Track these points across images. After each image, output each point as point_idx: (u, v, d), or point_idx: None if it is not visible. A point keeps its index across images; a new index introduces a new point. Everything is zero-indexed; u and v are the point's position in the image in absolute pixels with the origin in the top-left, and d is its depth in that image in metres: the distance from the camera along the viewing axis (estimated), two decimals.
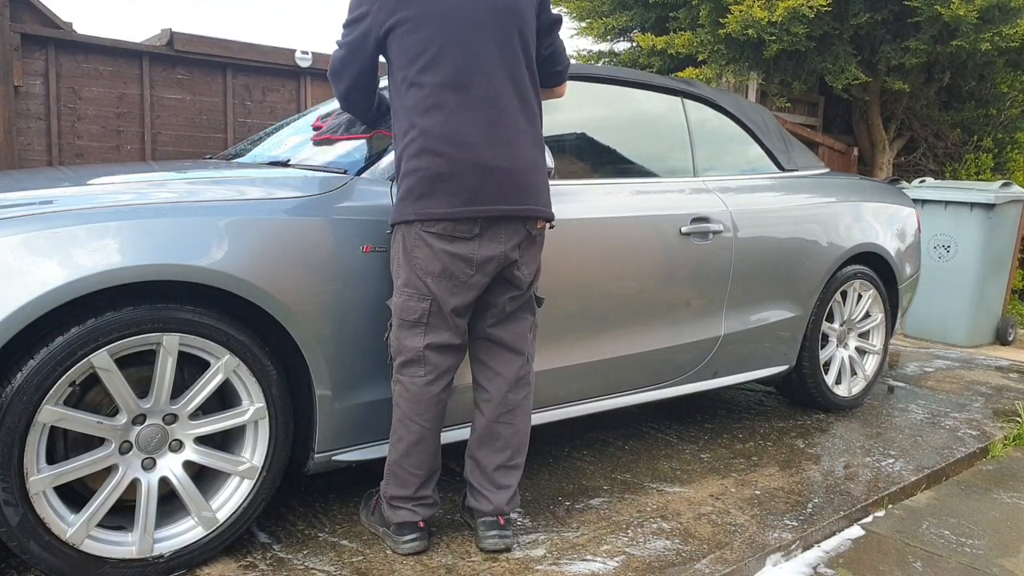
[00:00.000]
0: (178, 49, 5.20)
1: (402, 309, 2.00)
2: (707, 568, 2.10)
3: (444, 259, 1.95)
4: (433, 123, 1.93)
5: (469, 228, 1.95)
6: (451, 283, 1.97)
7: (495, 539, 2.11)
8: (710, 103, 3.22)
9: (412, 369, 2.02)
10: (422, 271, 1.96)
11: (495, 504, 2.11)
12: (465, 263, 1.97)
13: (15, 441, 1.67)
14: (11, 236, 1.67)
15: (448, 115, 1.93)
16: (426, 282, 1.97)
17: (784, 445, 3.13)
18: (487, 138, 1.95)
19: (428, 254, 1.95)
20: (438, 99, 1.94)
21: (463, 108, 1.94)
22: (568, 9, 7.76)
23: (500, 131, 1.97)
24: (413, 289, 1.98)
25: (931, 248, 5.38)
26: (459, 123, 1.93)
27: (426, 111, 1.94)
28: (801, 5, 5.50)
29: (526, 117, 2.04)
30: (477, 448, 2.15)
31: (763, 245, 3.08)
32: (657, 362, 2.83)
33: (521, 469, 2.17)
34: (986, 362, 4.93)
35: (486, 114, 1.96)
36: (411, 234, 1.96)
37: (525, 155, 2.01)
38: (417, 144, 1.94)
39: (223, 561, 2.01)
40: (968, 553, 2.37)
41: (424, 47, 1.95)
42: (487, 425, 2.13)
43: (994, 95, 7.21)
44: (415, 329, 2.00)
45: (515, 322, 2.13)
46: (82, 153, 5.01)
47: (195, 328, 1.85)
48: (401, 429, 2.04)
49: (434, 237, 1.94)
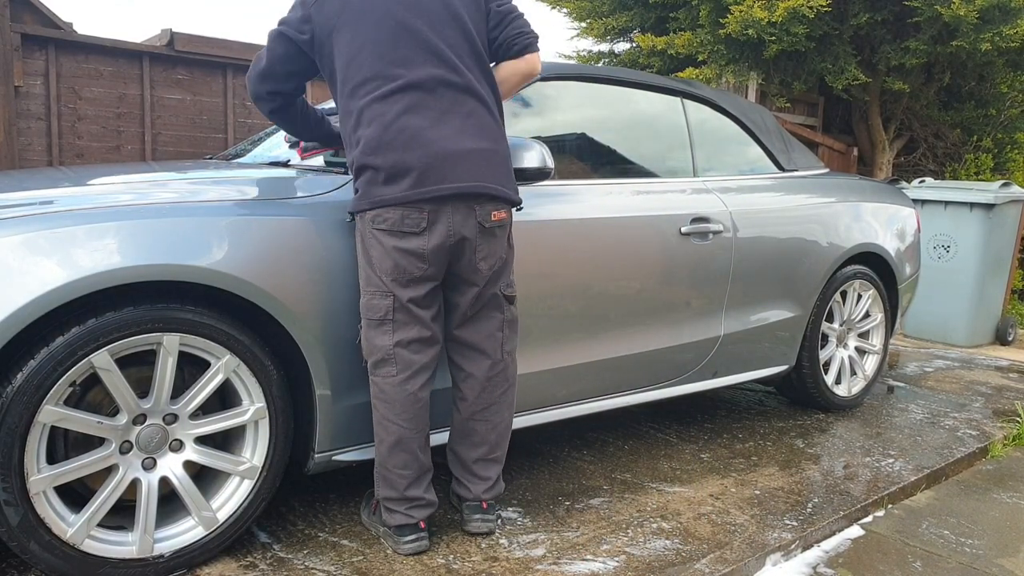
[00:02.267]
0: (178, 49, 5.20)
1: (367, 308, 2.00)
2: (707, 568, 2.10)
3: (395, 255, 1.96)
4: (372, 131, 1.95)
5: (417, 222, 1.95)
6: (405, 277, 1.98)
7: (478, 523, 2.19)
8: (710, 103, 3.22)
9: (384, 368, 2.01)
10: (378, 268, 1.98)
11: (475, 492, 2.19)
12: (417, 258, 1.97)
13: (15, 441, 1.67)
14: (12, 236, 1.67)
15: (388, 119, 1.95)
16: (382, 279, 1.98)
17: (784, 445, 3.13)
18: (432, 132, 1.96)
19: (380, 252, 1.97)
20: (375, 103, 1.96)
21: (406, 109, 1.96)
22: (568, 9, 7.76)
23: (444, 124, 1.98)
24: (374, 287, 1.99)
25: (931, 248, 5.38)
26: (401, 124, 1.95)
27: (370, 119, 1.96)
28: (801, 5, 5.50)
29: (475, 103, 2.04)
30: (456, 443, 2.21)
31: (763, 245, 3.08)
32: (657, 362, 2.83)
33: (502, 461, 2.23)
34: (986, 362, 4.93)
35: (428, 110, 1.97)
36: (367, 232, 1.98)
37: (470, 140, 2.00)
38: (363, 148, 1.96)
39: (223, 561, 2.01)
40: (968, 553, 2.37)
41: (354, 50, 1.99)
42: (463, 422, 2.17)
43: (994, 95, 7.21)
44: (383, 327, 2.00)
45: (482, 321, 2.13)
46: (82, 153, 5.01)
47: (195, 328, 1.85)
48: (380, 430, 2.04)
49: (384, 234, 1.95)
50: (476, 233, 2.02)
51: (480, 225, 2.02)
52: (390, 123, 1.95)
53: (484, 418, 2.16)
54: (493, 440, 2.19)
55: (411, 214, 1.94)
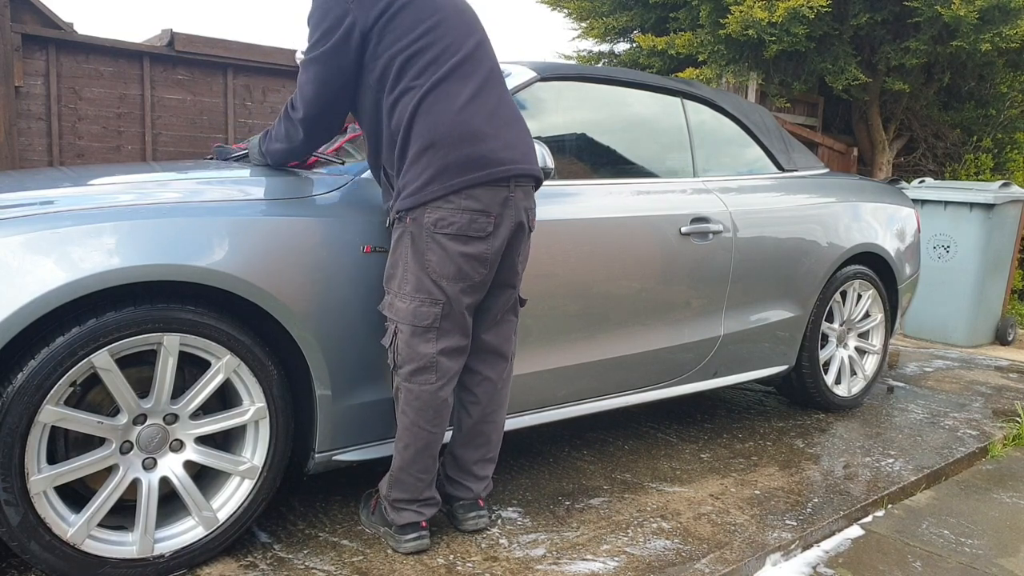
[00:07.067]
0: (178, 49, 5.20)
1: (413, 315, 1.95)
2: (707, 568, 2.10)
3: (459, 261, 1.94)
4: (448, 111, 1.91)
5: (484, 226, 1.94)
6: (466, 283, 1.97)
7: (475, 519, 2.20)
8: (710, 104, 3.23)
9: (424, 376, 1.99)
10: (436, 274, 1.94)
11: (475, 491, 2.21)
12: (480, 263, 1.96)
13: (16, 441, 1.67)
14: (12, 236, 1.67)
15: (462, 101, 1.93)
16: (441, 285, 1.94)
17: (784, 445, 3.13)
18: (490, 124, 1.95)
19: (442, 257, 1.93)
20: (444, 83, 1.94)
21: (470, 97, 1.94)
22: (569, 10, 7.76)
23: (500, 112, 1.99)
24: (425, 294, 1.95)
25: (931, 248, 5.38)
26: (466, 113, 1.93)
27: (439, 98, 1.92)
28: (801, 6, 5.50)
29: (507, 92, 2.07)
30: (460, 447, 2.19)
31: (763, 245, 3.09)
32: (657, 362, 2.83)
33: (496, 460, 2.25)
34: (986, 362, 4.93)
35: (487, 96, 1.97)
36: (423, 236, 1.93)
37: (520, 125, 2.04)
38: (423, 140, 1.91)
39: (223, 561, 2.01)
40: (968, 553, 2.37)
41: (420, 27, 1.95)
42: (473, 425, 2.17)
43: (994, 95, 7.21)
44: (427, 335, 1.97)
45: (503, 325, 2.15)
46: (83, 153, 5.01)
47: (196, 328, 1.85)
48: (408, 436, 2.02)
49: (448, 239, 1.92)
50: (524, 234, 2.05)
51: (528, 228, 2.06)
52: (463, 105, 1.93)
53: (493, 420, 2.17)
54: (495, 440, 2.21)
55: (479, 219, 1.93)
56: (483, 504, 2.23)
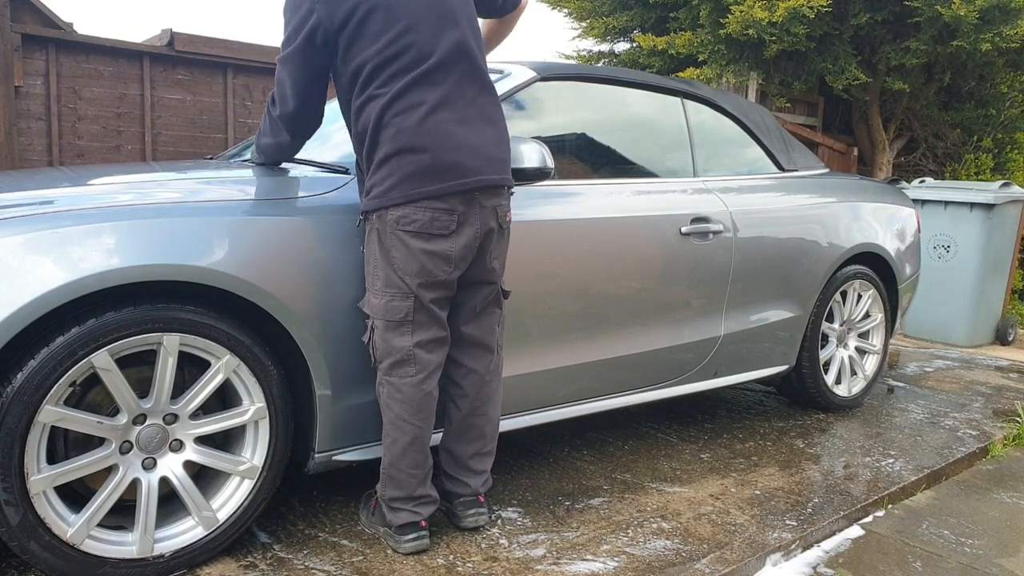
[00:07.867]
0: (178, 49, 5.20)
1: (386, 310, 1.98)
2: (707, 568, 2.10)
3: (422, 258, 1.95)
4: (409, 121, 1.91)
5: (446, 224, 1.95)
6: (430, 280, 1.98)
7: (474, 516, 2.20)
8: (710, 103, 3.22)
9: (402, 369, 2.01)
10: (400, 271, 1.96)
11: (473, 487, 2.21)
12: (443, 260, 1.97)
13: (16, 441, 1.67)
14: (12, 236, 1.67)
15: (424, 111, 1.92)
16: (405, 280, 1.96)
17: (784, 445, 3.13)
18: (456, 133, 1.94)
19: (405, 253, 1.95)
20: (409, 93, 1.92)
21: (436, 105, 1.93)
22: (569, 10, 7.76)
23: (469, 117, 1.97)
24: (395, 289, 1.97)
25: (931, 248, 5.38)
26: (429, 123, 1.92)
27: (402, 109, 1.92)
28: (801, 5, 5.50)
29: (485, 89, 2.04)
30: (453, 441, 2.20)
31: (763, 245, 3.08)
32: (657, 362, 2.83)
33: (494, 454, 2.25)
34: (986, 362, 4.93)
35: (458, 101, 1.96)
36: (387, 233, 1.95)
37: (494, 129, 2.02)
38: (386, 148, 1.93)
39: (223, 561, 2.01)
40: (968, 553, 2.37)
41: (388, 34, 1.93)
42: (463, 419, 2.17)
43: (994, 95, 7.21)
44: (401, 328, 1.99)
45: (485, 318, 2.16)
46: (82, 153, 5.01)
47: (196, 328, 1.85)
48: (395, 431, 2.03)
49: (410, 236, 1.94)
50: (496, 234, 2.05)
51: (500, 226, 2.05)
52: (425, 115, 1.92)
53: (483, 412, 2.18)
54: (489, 433, 2.21)
55: (440, 216, 1.93)
56: (483, 501, 2.23)
